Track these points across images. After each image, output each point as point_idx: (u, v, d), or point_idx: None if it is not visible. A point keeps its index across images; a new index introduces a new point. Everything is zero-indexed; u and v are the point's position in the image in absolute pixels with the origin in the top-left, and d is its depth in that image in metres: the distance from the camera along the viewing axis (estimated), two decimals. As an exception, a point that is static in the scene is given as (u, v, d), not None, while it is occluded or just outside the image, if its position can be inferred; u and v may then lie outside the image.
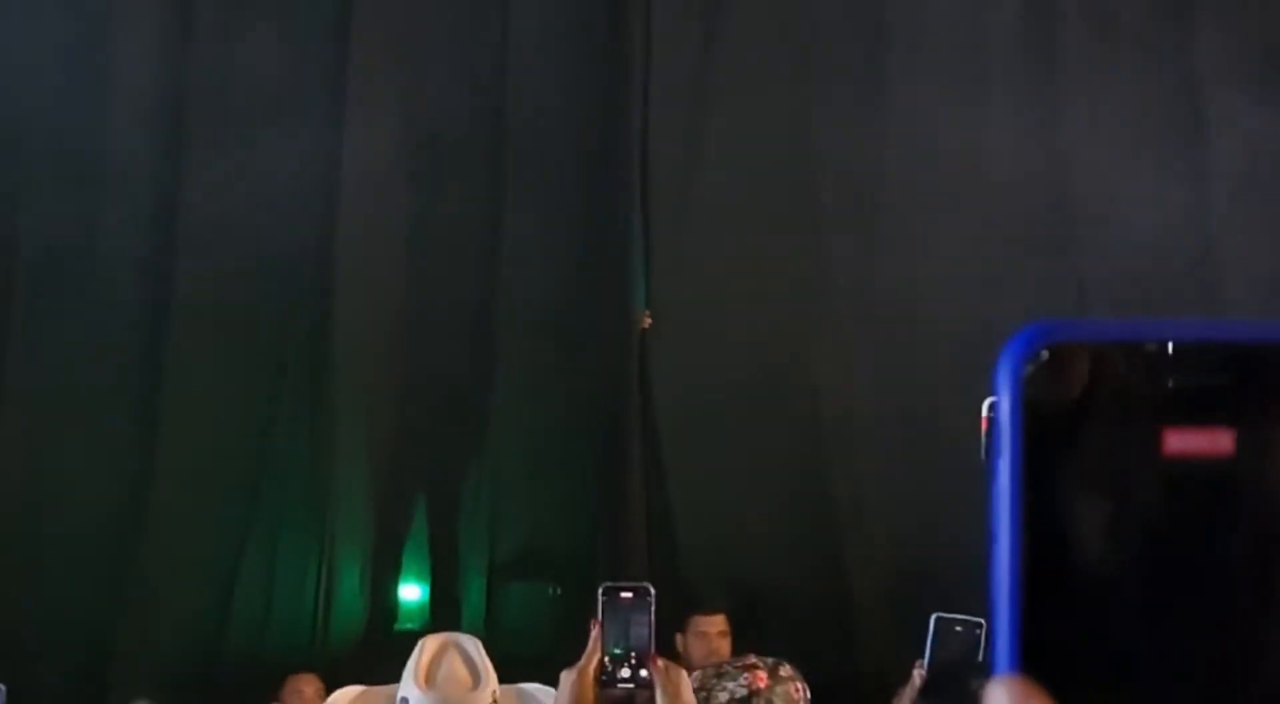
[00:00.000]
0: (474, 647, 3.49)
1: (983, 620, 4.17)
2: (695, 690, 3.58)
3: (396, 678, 7.37)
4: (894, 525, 7.84)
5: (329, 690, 7.01)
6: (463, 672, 3.48)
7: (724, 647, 6.58)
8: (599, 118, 8.22)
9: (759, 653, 4.42)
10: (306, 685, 7.03)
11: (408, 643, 7.76)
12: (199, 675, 7.24)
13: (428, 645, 3.52)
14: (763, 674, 4.10)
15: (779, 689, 4.09)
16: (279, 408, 7.94)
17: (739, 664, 4.28)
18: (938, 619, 4.28)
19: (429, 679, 3.42)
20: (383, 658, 7.67)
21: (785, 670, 4.22)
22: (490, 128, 8.19)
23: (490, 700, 3.45)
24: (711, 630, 6.61)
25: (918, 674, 4.29)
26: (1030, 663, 0.79)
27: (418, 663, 3.45)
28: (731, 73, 8.21)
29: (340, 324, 7.89)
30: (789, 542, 7.85)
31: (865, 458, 7.95)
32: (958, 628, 4.24)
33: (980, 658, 4.20)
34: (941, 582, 7.19)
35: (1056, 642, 0.79)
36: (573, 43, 8.27)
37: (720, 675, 4.14)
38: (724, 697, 4.03)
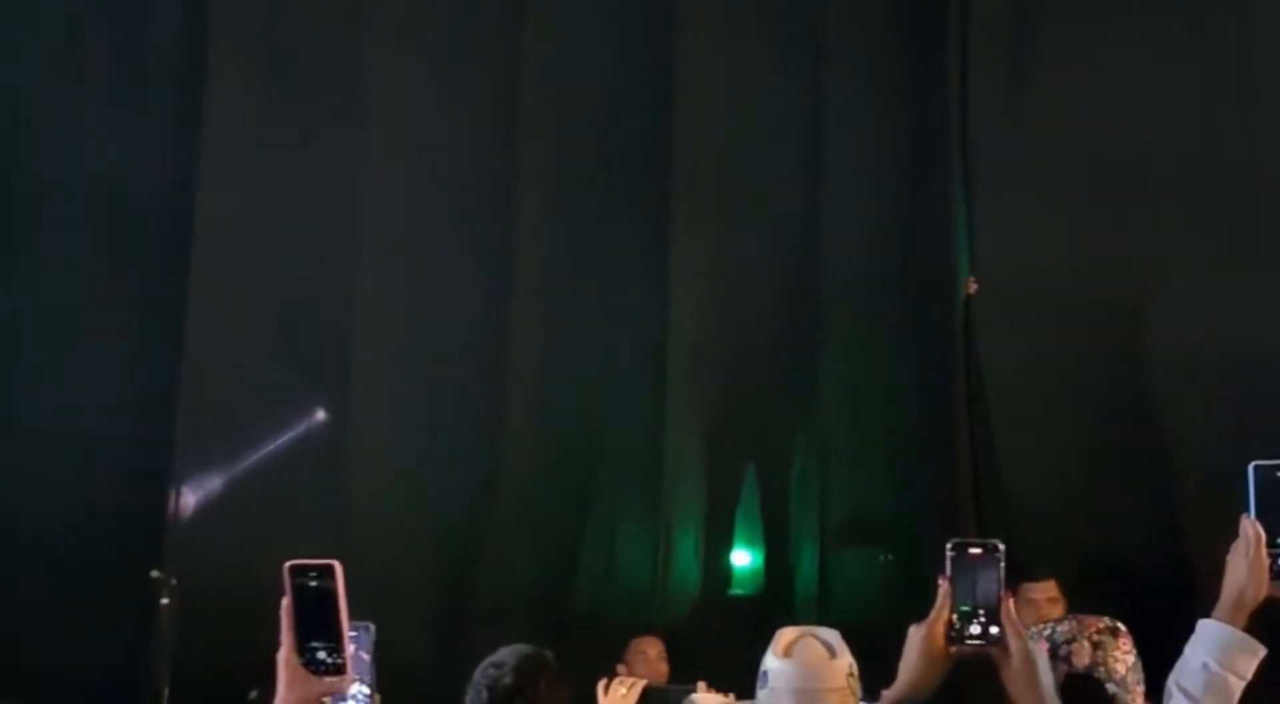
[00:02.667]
0: (831, 634, 3.60)
1: None
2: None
3: (733, 643, 7.59)
4: (1233, 483, 7.64)
5: (670, 653, 7.25)
6: (819, 648, 3.59)
7: (1054, 613, 6.48)
8: (917, 81, 8.21)
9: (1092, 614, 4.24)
10: (649, 648, 7.25)
11: (742, 607, 8.01)
12: (547, 636, 7.54)
13: (785, 633, 3.65)
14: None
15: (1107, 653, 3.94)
16: (618, 381, 8.20)
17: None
18: (1256, 467, 3.97)
19: (787, 653, 3.55)
20: (718, 622, 7.92)
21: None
22: (807, 98, 8.26)
23: (848, 673, 3.54)
24: (1040, 597, 6.52)
25: (1249, 525, 3.87)
26: None
27: (776, 644, 3.58)
28: (1052, 32, 8.10)
29: (676, 300, 8.08)
30: (1124, 504, 7.73)
31: (1203, 418, 7.77)
32: None
33: None
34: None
35: None
36: (889, 6, 8.29)
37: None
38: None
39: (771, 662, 3.59)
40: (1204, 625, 3.37)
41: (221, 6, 8.17)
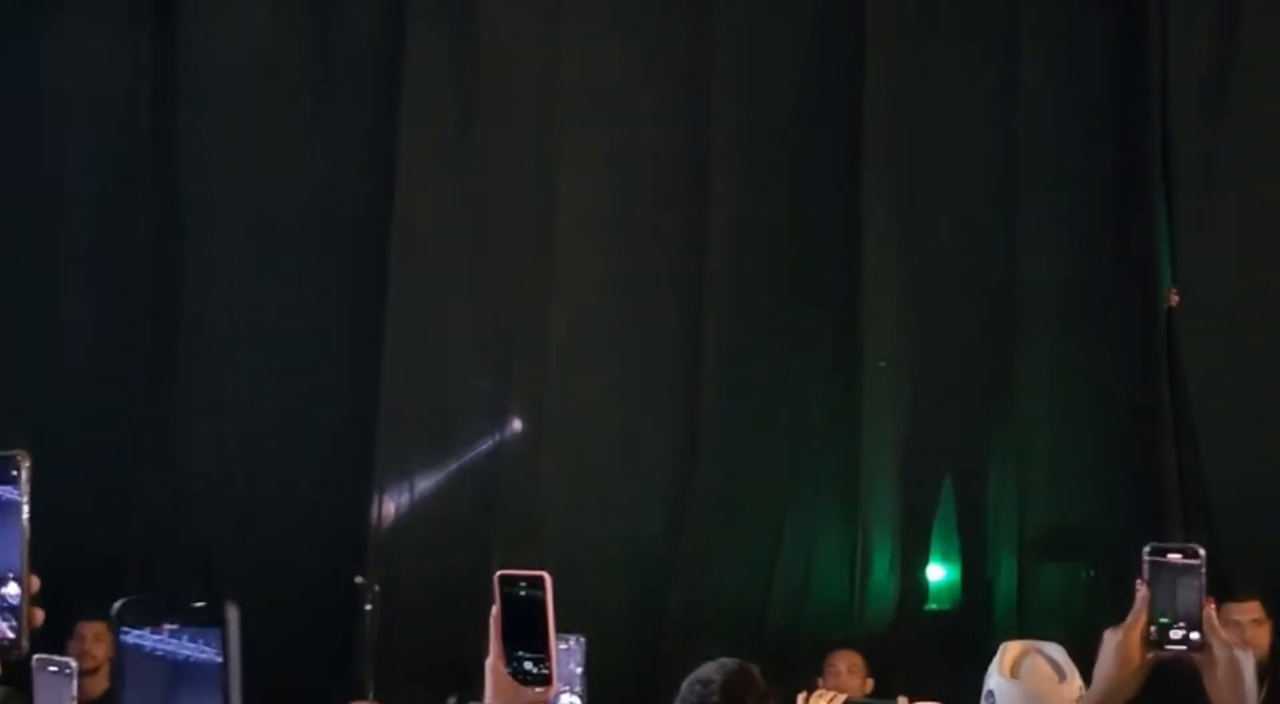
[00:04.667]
0: (1057, 651, 3.52)
1: None
2: None
3: (932, 658, 7.47)
4: None
5: (869, 666, 7.20)
6: (1047, 669, 3.51)
7: (1260, 636, 6.32)
8: (1117, 89, 8.07)
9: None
10: (841, 661, 7.21)
11: (939, 622, 7.94)
12: (744, 649, 7.54)
13: (1010, 647, 3.57)
14: None
15: None
16: (813, 393, 8.17)
17: None
18: None
19: (1014, 672, 3.47)
20: (916, 637, 7.85)
21: None
22: (1004, 109, 8.16)
23: (1077, 697, 3.46)
24: (1244, 618, 6.35)
25: None
26: None
27: (1001, 660, 3.50)
28: (1255, 30, 7.90)
29: (871, 312, 8.04)
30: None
31: None
32: None
33: None
34: None
35: None
36: (1087, 20, 8.16)
37: None
38: None
39: (998, 681, 3.50)
40: None
41: (416, 22, 8.28)
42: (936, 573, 8.10)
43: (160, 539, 7.97)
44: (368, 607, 7.32)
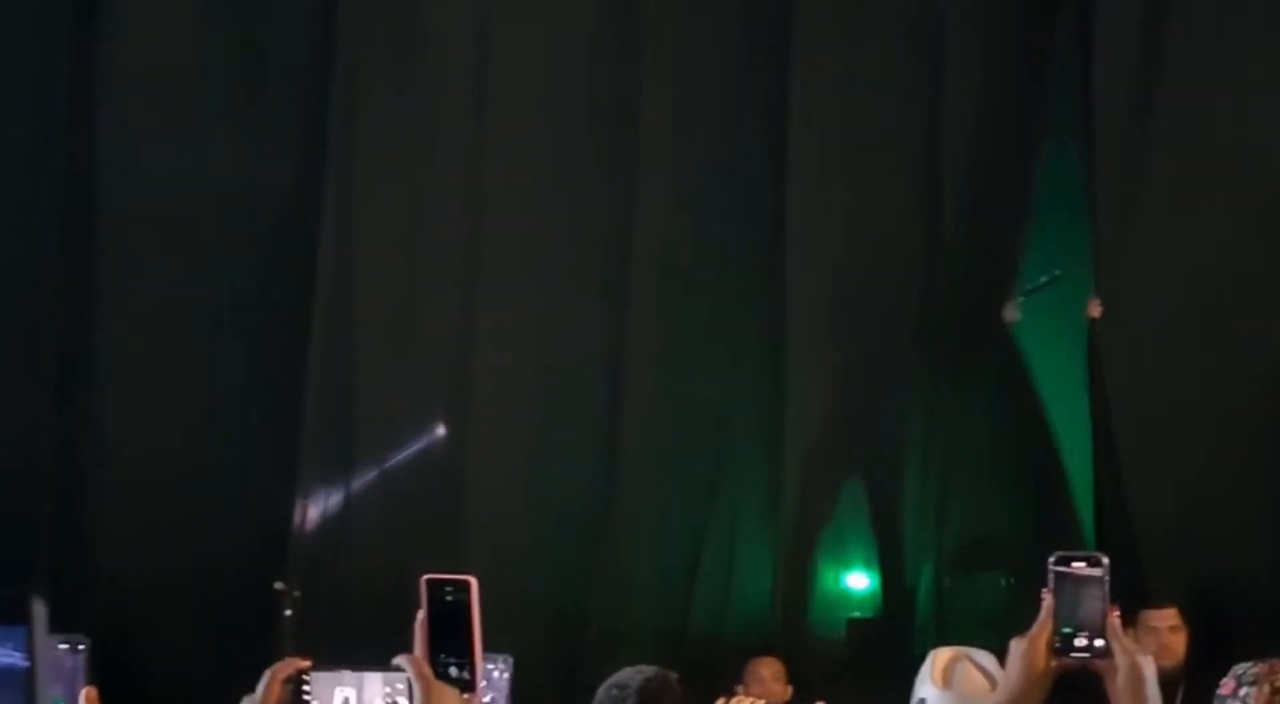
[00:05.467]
0: (988, 659, 3.53)
1: None
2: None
3: (852, 665, 7.49)
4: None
5: (790, 674, 7.23)
6: (978, 676, 3.52)
7: (1177, 643, 6.40)
8: (1043, 101, 8.13)
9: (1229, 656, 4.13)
10: (765, 669, 7.22)
11: (860, 629, 7.96)
12: (665, 657, 7.54)
13: (940, 655, 3.58)
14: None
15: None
16: (735, 401, 8.18)
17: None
18: None
19: (946, 681, 3.48)
20: (837, 644, 7.88)
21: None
22: (926, 116, 8.20)
23: None
24: (1162, 625, 6.43)
25: None
26: None
27: (932, 668, 3.51)
28: (1179, 47, 7.99)
29: (794, 320, 8.05)
30: (1253, 531, 7.59)
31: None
32: None
33: None
34: None
35: None
36: (1014, 22, 8.22)
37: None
38: None
39: (929, 690, 3.51)
40: None
41: (346, 17, 8.20)
42: (857, 581, 8.14)
43: (73, 543, 7.86)
44: (287, 612, 7.27)
